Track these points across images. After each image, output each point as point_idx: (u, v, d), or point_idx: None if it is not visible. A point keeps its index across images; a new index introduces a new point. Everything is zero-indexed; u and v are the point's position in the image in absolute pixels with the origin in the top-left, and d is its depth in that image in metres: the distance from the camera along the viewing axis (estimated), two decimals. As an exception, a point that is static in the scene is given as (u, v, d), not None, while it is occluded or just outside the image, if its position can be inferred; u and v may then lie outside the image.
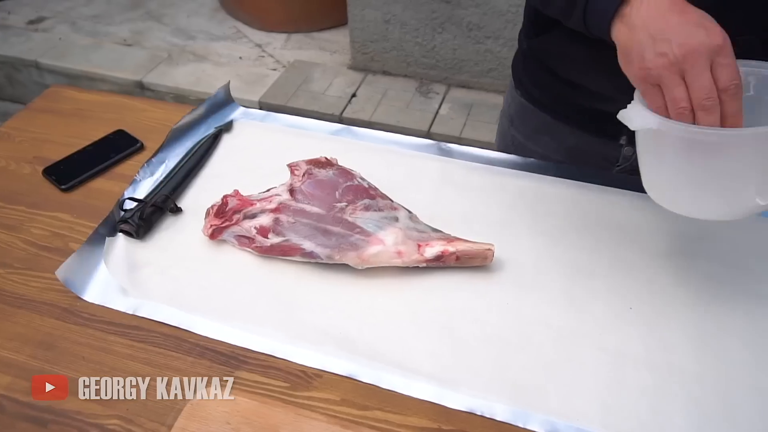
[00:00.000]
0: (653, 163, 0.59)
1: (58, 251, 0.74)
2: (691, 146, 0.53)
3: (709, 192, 0.56)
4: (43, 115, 0.96)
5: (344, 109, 2.14)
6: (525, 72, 0.88)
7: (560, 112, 0.85)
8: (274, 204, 0.73)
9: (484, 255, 0.68)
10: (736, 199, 0.55)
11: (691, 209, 0.58)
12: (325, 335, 0.64)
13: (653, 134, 0.55)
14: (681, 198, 0.58)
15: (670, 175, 0.58)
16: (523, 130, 0.93)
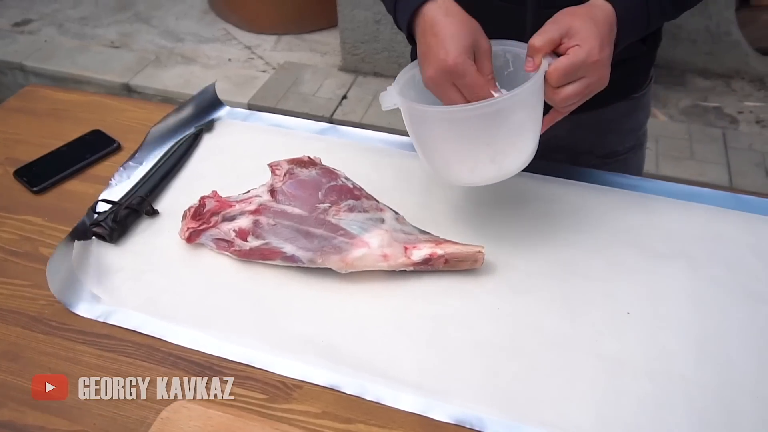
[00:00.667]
0: (412, 137, 0.65)
1: (27, 256, 0.71)
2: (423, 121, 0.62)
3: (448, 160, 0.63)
4: (17, 115, 0.93)
5: (335, 111, 2.10)
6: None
7: None
8: (254, 205, 0.69)
9: (474, 258, 0.65)
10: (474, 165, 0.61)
11: (445, 175, 0.65)
12: (306, 344, 0.60)
13: (406, 113, 0.63)
14: (433, 165, 0.65)
15: (421, 146, 0.65)
16: None
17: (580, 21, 0.59)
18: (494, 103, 0.57)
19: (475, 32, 0.60)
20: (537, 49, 0.59)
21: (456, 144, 0.61)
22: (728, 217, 0.73)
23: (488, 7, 0.71)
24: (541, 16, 0.70)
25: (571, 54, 0.58)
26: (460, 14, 0.61)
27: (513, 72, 0.66)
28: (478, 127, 0.59)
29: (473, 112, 0.58)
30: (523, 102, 0.58)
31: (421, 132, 0.63)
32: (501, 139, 0.60)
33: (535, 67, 0.59)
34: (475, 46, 0.60)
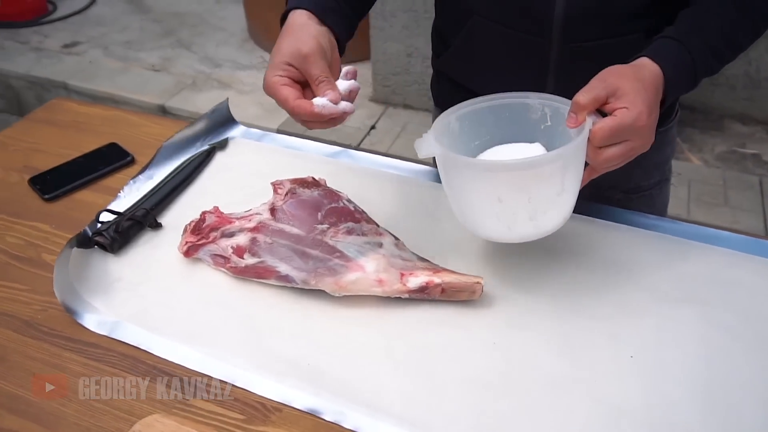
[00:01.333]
0: (447, 187, 0.63)
1: (29, 262, 0.71)
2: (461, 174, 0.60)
3: (485, 214, 0.60)
4: (40, 126, 0.95)
5: (362, 140, 2.12)
6: (440, 90, 0.90)
7: None
8: (253, 223, 0.69)
9: (472, 289, 0.63)
10: (513, 222, 0.59)
11: (480, 231, 0.63)
12: (291, 366, 0.59)
13: (443, 162, 0.60)
14: (467, 219, 0.63)
15: (457, 198, 0.62)
16: None
17: (629, 82, 0.57)
18: (538, 160, 0.57)
19: (297, 42, 0.60)
20: (582, 107, 0.57)
21: (495, 199, 0.58)
22: (748, 262, 0.69)
23: (511, 40, 0.71)
24: (566, 52, 0.70)
25: (619, 116, 0.56)
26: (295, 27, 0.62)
27: (550, 126, 0.64)
28: (519, 184, 0.57)
29: (516, 168, 0.56)
30: (568, 161, 0.57)
31: (458, 184, 0.61)
32: (542, 196, 0.58)
33: (578, 124, 0.58)
34: (294, 58, 0.60)
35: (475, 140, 0.66)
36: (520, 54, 0.72)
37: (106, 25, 2.94)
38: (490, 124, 0.66)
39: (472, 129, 0.66)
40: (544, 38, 0.70)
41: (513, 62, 0.74)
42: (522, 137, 0.65)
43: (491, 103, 0.65)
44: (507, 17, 0.71)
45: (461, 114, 0.65)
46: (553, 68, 0.72)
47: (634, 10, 0.67)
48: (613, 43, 0.69)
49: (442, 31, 0.83)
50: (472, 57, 0.78)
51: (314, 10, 0.63)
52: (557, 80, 0.73)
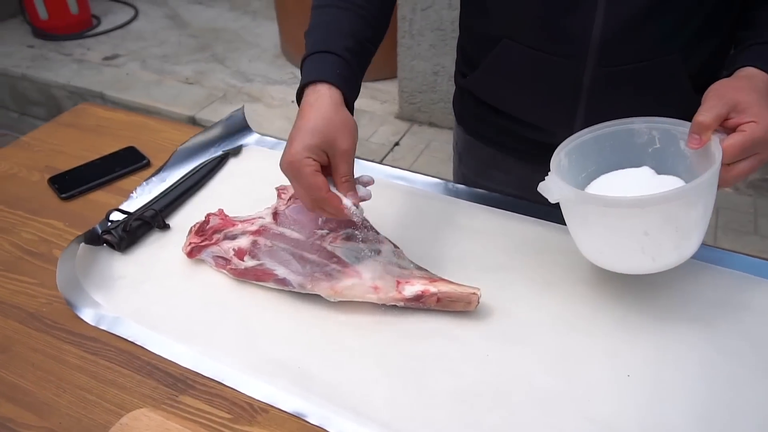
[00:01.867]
0: (579, 228, 0.62)
1: (40, 257, 0.73)
2: (604, 213, 0.59)
3: (629, 249, 0.59)
4: (65, 129, 0.99)
5: (385, 156, 2.13)
6: (464, 108, 0.88)
7: (505, 145, 0.84)
8: (256, 226, 0.70)
9: (468, 299, 0.62)
10: (658, 253, 0.59)
11: (619, 266, 0.62)
12: (282, 368, 0.59)
13: (574, 203, 0.60)
14: (605, 256, 0.62)
15: (592, 237, 0.62)
16: (472, 165, 0.92)
17: (747, 95, 0.57)
18: (688, 190, 0.56)
19: (336, 131, 0.59)
20: (706, 126, 0.57)
21: (641, 234, 0.57)
22: (760, 286, 0.66)
23: (543, 64, 0.70)
24: (600, 75, 0.69)
25: (749, 131, 0.55)
26: (329, 108, 0.60)
27: (660, 149, 0.64)
28: (669, 215, 0.56)
29: (666, 200, 0.55)
30: (711, 184, 0.56)
31: (596, 222, 0.60)
32: (688, 223, 0.57)
33: (702, 145, 0.57)
34: (329, 147, 0.59)
35: (581, 173, 0.66)
36: (552, 78, 0.71)
37: (146, 39, 3.04)
38: (594, 155, 0.66)
39: (579, 162, 0.66)
40: (578, 62, 0.68)
41: (544, 86, 0.72)
42: (626, 163, 0.65)
43: (596, 134, 0.65)
44: (540, 41, 0.69)
45: (570, 149, 0.65)
46: (585, 92, 0.70)
47: (670, 31, 0.66)
48: (649, 65, 0.67)
49: (469, 51, 0.82)
50: (501, 79, 0.76)
51: (340, 85, 0.61)
52: (589, 104, 0.71)
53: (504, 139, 0.83)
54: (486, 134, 0.86)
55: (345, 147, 0.59)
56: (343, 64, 0.63)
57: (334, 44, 0.63)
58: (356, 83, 0.66)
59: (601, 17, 0.65)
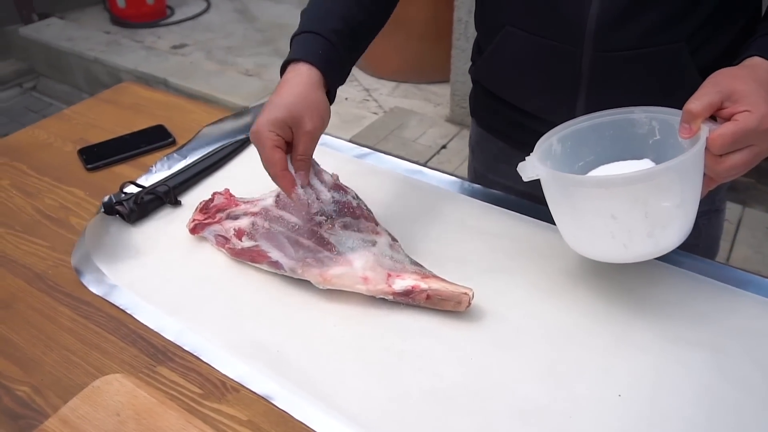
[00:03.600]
0: (554, 209, 0.60)
1: (57, 222, 0.76)
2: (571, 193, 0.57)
3: (599, 234, 0.57)
4: (104, 105, 1.02)
5: (431, 158, 2.11)
6: (477, 100, 0.87)
7: (513, 138, 0.82)
8: (257, 208, 0.69)
9: (459, 299, 0.60)
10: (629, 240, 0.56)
11: (592, 251, 0.60)
12: (260, 350, 0.58)
13: (549, 183, 0.58)
14: (579, 241, 0.60)
15: (566, 219, 0.60)
16: (482, 159, 0.90)
17: (744, 84, 0.53)
18: (653, 172, 0.53)
19: (304, 110, 0.59)
20: (695, 115, 0.53)
21: (608, 217, 0.55)
22: (785, 314, 0.61)
23: (542, 49, 0.69)
24: (599, 61, 0.67)
25: (741, 120, 0.51)
26: (303, 87, 0.60)
27: (660, 140, 0.61)
28: (636, 199, 0.53)
29: (631, 182, 0.53)
30: (686, 171, 0.53)
31: (567, 204, 0.58)
32: (660, 210, 0.54)
33: (692, 134, 0.54)
34: (294, 124, 0.59)
35: (578, 161, 0.64)
36: (551, 63, 0.69)
37: (214, 31, 3.14)
38: (592, 144, 0.63)
39: (574, 150, 0.63)
40: (575, 46, 0.66)
41: (544, 72, 0.71)
42: (628, 154, 0.62)
43: (593, 122, 0.63)
44: (538, 25, 0.68)
45: (563, 135, 0.63)
46: (585, 78, 0.68)
47: (672, 17, 0.62)
48: (651, 52, 0.64)
49: (479, 41, 0.81)
50: (504, 66, 0.75)
51: (320, 67, 0.62)
52: (589, 92, 0.69)
53: (512, 131, 0.81)
54: (496, 127, 0.84)
55: (309, 127, 0.60)
56: (328, 46, 0.63)
57: (322, 26, 0.64)
58: (340, 67, 0.65)
59: (597, 0, 0.62)
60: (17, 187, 0.83)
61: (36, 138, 0.94)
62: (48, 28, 3.07)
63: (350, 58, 0.67)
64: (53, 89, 3.02)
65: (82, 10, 3.35)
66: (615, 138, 0.63)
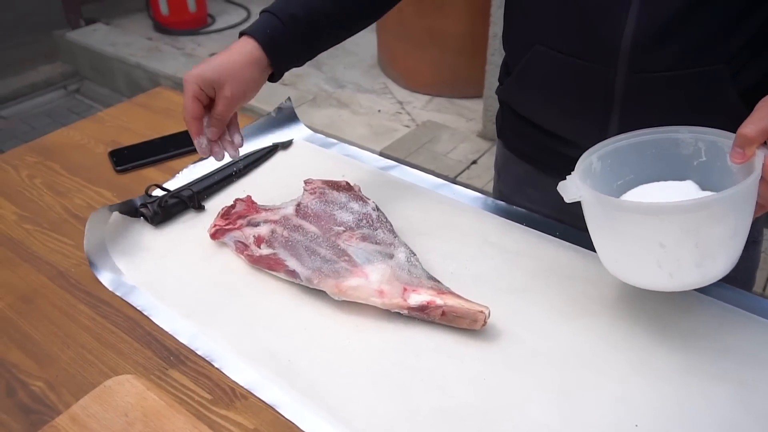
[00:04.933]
0: (595, 232, 0.58)
1: (84, 221, 0.77)
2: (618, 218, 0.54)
3: (644, 261, 0.54)
4: (138, 109, 1.05)
5: (460, 173, 2.09)
6: (504, 121, 0.85)
7: (541, 161, 0.80)
8: (277, 216, 0.70)
9: (474, 317, 0.59)
10: (677, 269, 0.53)
11: (633, 278, 0.57)
12: (272, 359, 0.58)
13: (592, 206, 0.56)
14: (620, 266, 0.58)
15: (608, 244, 0.58)
16: (508, 182, 0.88)
17: None
18: (710, 201, 0.51)
19: (229, 76, 0.65)
20: (750, 140, 0.51)
21: (656, 245, 0.52)
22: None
23: (573, 69, 0.67)
24: (633, 83, 0.65)
25: None
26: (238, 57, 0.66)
27: (706, 162, 0.58)
28: (688, 228, 0.51)
29: (684, 211, 0.51)
30: (741, 200, 0.52)
31: (611, 228, 0.56)
32: (712, 240, 0.52)
33: (746, 159, 0.52)
34: (217, 85, 0.65)
35: (617, 180, 0.62)
36: (582, 84, 0.68)
37: (252, 40, 3.19)
38: (633, 163, 0.61)
39: (614, 168, 0.61)
40: (609, 67, 0.64)
41: (574, 93, 0.69)
42: (669, 175, 0.60)
43: (635, 140, 0.61)
44: (570, 44, 0.66)
45: (603, 153, 0.61)
46: (618, 100, 0.66)
47: (712, 38, 0.60)
48: (689, 74, 0.62)
49: (507, 60, 0.80)
50: (532, 87, 0.73)
51: (264, 45, 0.67)
52: (623, 113, 0.67)
53: (540, 155, 0.79)
54: (523, 149, 0.83)
55: (228, 93, 0.66)
56: (280, 28, 0.67)
57: (283, 8, 0.68)
58: (288, 51, 0.69)
59: (633, 18, 0.60)
60: (48, 185, 0.85)
61: (70, 139, 0.96)
62: (93, 33, 3.17)
63: (306, 45, 0.71)
64: (96, 92, 3.11)
65: (127, 17, 3.45)
66: (657, 157, 0.60)
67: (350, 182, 0.75)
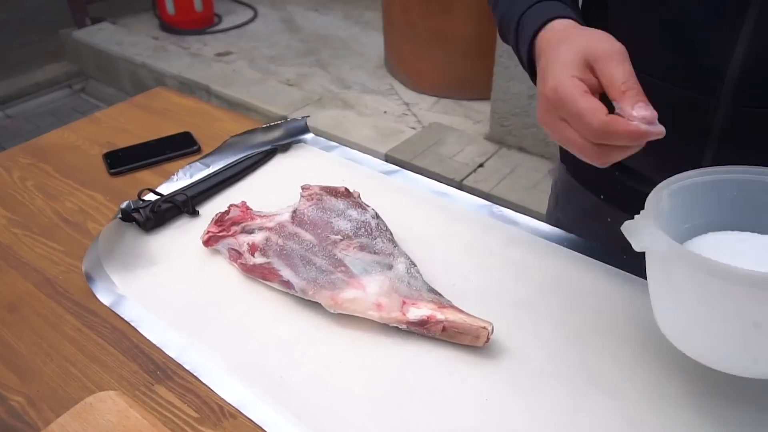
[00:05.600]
0: (662, 293, 0.48)
1: (74, 226, 0.75)
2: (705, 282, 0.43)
3: (727, 340, 0.45)
4: (135, 109, 1.02)
5: (467, 176, 2.06)
6: None
7: (609, 194, 0.71)
8: (273, 223, 0.67)
9: (477, 333, 0.56)
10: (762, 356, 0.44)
11: (707, 356, 0.48)
12: (263, 375, 0.55)
13: (666, 259, 0.46)
14: (687, 336, 0.48)
15: (679, 310, 0.48)
16: (569, 212, 0.80)
17: None
18: None
19: (592, 39, 0.48)
20: None
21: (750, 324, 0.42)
22: None
23: (668, 96, 0.58)
24: (736, 116, 0.57)
25: None
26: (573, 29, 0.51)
27: None
28: None
29: None
30: None
31: (694, 293, 0.45)
32: None
33: None
34: (592, 56, 0.47)
35: (685, 223, 0.53)
36: (677, 115, 0.58)
37: (259, 39, 3.18)
38: (708, 204, 0.53)
39: (684, 209, 0.52)
40: (710, 97, 0.56)
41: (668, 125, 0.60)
42: (748, 224, 0.52)
43: (715, 177, 0.52)
44: (668, 71, 0.59)
45: (676, 189, 0.51)
46: (716, 135, 0.58)
47: None
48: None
49: None
50: None
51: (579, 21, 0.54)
52: (719, 151, 0.59)
53: (611, 188, 0.71)
54: (591, 180, 0.74)
55: (609, 49, 0.47)
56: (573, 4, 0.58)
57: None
58: None
59: (744, 44, 0.53)
60: (40, 188, 0.82)
61: (65, 140, 0.94)
62: (99, 32, 3.16)
63: None
64: (101, 92, 3.10)
65: (133, 16, 3.45)
66: (738, 201, 0.52)
67: (350, 188, 0.72)
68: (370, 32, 3.25)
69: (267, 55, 3.00)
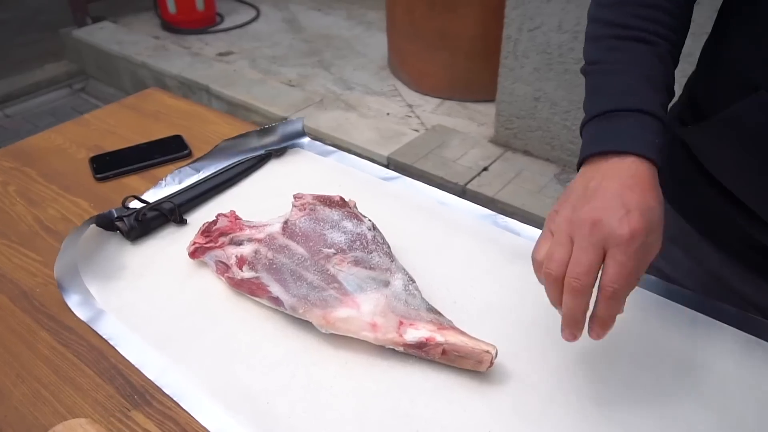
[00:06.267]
0: None
1: (55, 235, 0.71)
2: None
3: None
4: (125, 111, 0.98)
5: (470, 180, 2.02)
6: (667, 159, 0.57)
7: (704, 222, 0.63)
8: (263, 234, 0.63)
9: (479, 358, 0.51)
10: None
11: None
12: (248, 400, 0.51)
13: None
14: None
15: None
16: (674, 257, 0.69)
17: None
18: None
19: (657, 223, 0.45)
20: None
21: None
22: None
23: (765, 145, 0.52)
24: None
25: None
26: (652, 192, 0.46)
27: None
28: None
29: None
30: None
31: None
32: None
33: None
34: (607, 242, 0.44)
35: None
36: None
37: (261, 39, 3.14)
38: None
39: None
40: None
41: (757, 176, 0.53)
42: None
43: None
44: None
45: None
46: None
47: None
48: None
49: (701, 93, 0.62)
50: (735, 140, 0.55)
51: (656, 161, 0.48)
52: None
53: (709, 215, 0.62)
54: (684, 201, 0.65)
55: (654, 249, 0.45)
56: (661, 129, 0.49)
57: (652, 100, 0.49)
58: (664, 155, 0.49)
59: None
60: (22, 194, 0.78)
61: (51, 143, 0.90)
62: (100, 32, 3.13)
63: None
64: (101, 91, 3.07)
65: (134, 15, 3.41)
66: None
67: (345, 197, 0.68)
68: (373, 32, 3.21)
69: (269, 55, 2.96)
